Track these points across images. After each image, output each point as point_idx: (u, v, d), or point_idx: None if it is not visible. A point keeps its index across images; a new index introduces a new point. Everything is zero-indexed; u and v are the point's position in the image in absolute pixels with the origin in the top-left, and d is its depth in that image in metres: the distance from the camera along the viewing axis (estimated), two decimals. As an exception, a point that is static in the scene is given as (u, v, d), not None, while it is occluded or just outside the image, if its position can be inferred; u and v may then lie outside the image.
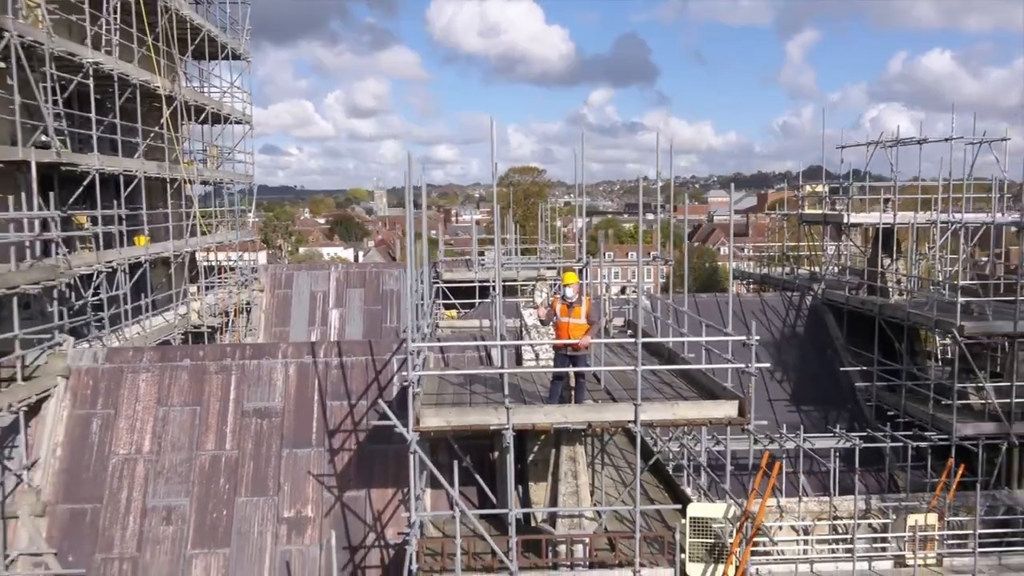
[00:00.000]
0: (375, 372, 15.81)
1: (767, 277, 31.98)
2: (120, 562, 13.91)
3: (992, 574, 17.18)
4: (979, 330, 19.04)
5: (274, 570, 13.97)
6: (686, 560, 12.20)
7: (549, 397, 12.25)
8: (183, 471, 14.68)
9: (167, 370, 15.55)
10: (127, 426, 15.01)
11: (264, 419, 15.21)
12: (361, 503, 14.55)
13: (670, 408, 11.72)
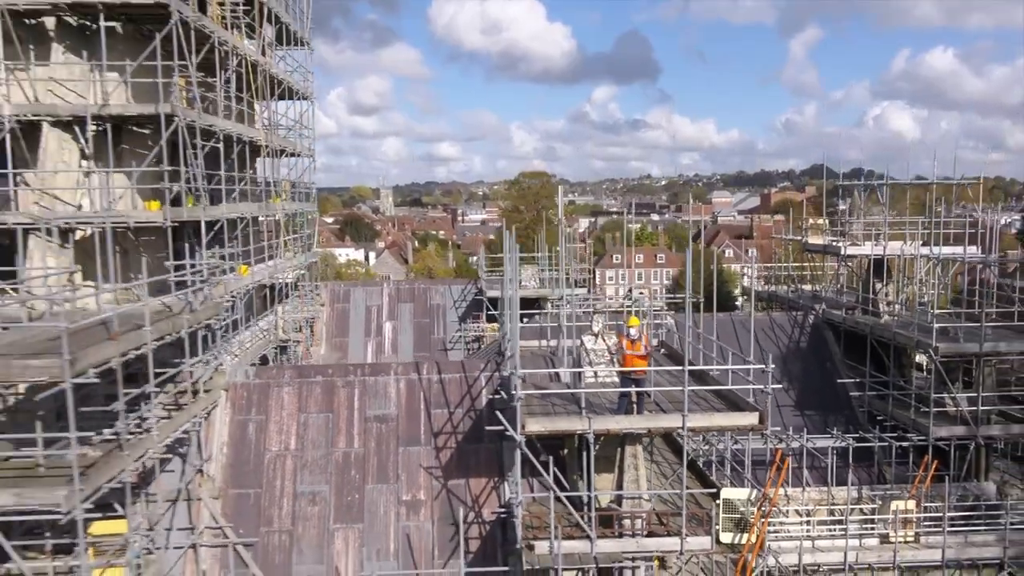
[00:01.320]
0: (467, 386, 20.07)
1: (774, 295, 36.02)
2: (279, 534, 18.17)
3: (959, 549, 21.36)
4: (952, 350, 23.21)
5: (397, 541, 18.22)
6: (719, 531, 16.43)
7: (617, 409, 16.47)
8: (322, 464, 18.95)
9: (304, 385, 19.82)
10: (276, 429, 19.28)
11: (383, 423, 19.47)
12: (461, 489, 18.81)
13: (708, 418, 15.97)
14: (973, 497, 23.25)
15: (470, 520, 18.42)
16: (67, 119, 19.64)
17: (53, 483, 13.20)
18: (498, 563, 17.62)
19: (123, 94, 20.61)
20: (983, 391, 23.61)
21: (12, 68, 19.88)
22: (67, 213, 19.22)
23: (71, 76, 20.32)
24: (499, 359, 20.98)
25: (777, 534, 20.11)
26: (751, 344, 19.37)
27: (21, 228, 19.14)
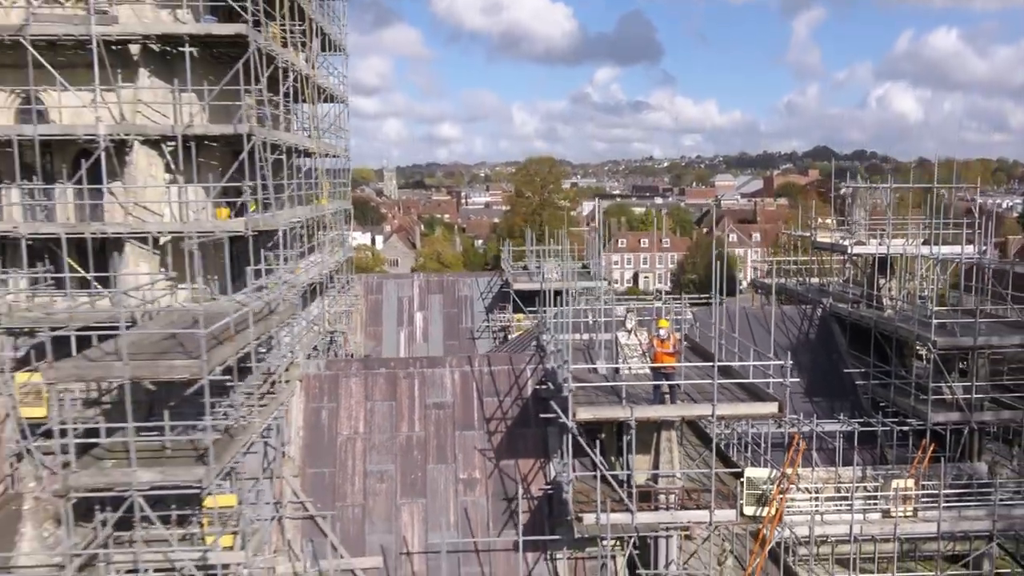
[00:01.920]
0: (515, 377, 22.53)
1: (783, 288, 38.38)
2: (352, 508, 20.68)
3: (953, 523, 23.91)
4: (948, 343, 25.64)
5: (456, 514, 20.73)
6: (743, 505, 18.94)
7: (653, 399, 18.91)
8: (388, 446, 21.45)
9: (369, 376, 22.28)
10: (346, 415, 21.76)
11: (440, 410, 21.96)
12: (511, 468, 21.31)
13: (735, 407, 18.43)
14: (966, 476, 25.74)
15: (520, 496, 20.90)
16: (155, 138, 21.97)
17: (184, 463, 15.69)
18: (546, 533, 20.11)
19: (200, 112, 22.95)
20: (977, 380, 26.05)
21: (102, 90, 22.17)
22: (157, 223, 21.58)
23: (155, 98, 22.61)
24: (541, 352, 23.43)
25: (790, 508, 22.61)
26: (771, 340, 21.85)
27: (115, 236, 21.56)
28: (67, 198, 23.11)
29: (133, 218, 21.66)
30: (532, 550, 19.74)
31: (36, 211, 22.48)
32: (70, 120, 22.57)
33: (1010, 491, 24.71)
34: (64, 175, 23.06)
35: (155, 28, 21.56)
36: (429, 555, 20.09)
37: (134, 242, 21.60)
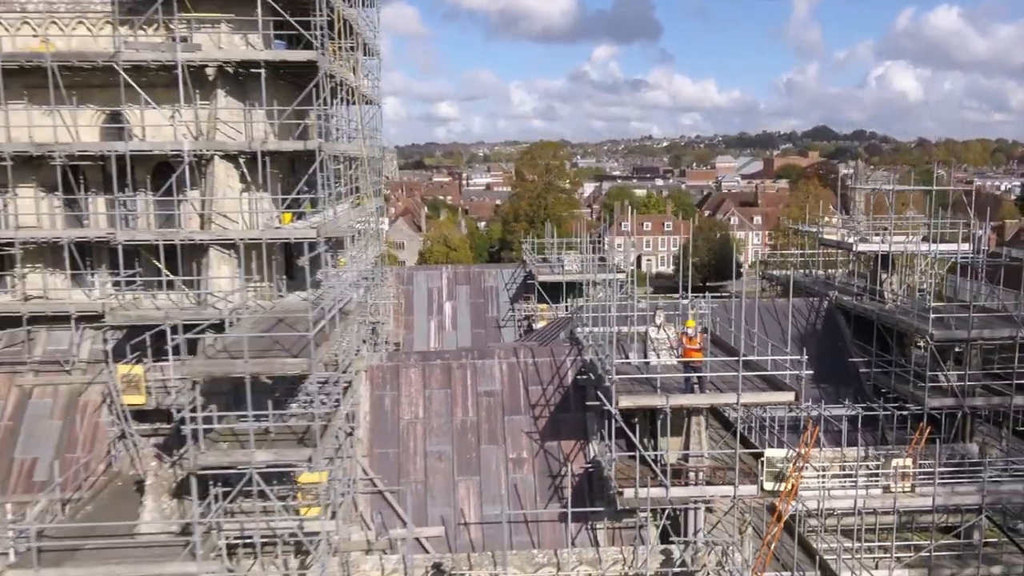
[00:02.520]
0: (556, 367, 25.26)
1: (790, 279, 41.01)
2: (415, 484, 23.45)
3: (946, 497, 26.75)
4: (944, 336, 28.37)
5: (507, 489, 23.48)
6: (763, 481, 21.73)
7: (685, 389, 21.63)
8: (445, 429, 24.20)
9: (426, 366, 25.01)
10: (407, 402, 24.50)
11: (490, 397, 24.70)
12: (555, 449, 24.07)
13: (756, 396, 21.17)
14: (959, 456, 28.62)
15: (563, 473, 23.70)
16: (234, 152, 24.53)
17: (288, 444, 18.43)
18: (587, 506, 22.91)
19: (268, 127, 25.48)
20: (970, 369, 28.85)
21: (183, 108, 24.71)
22: (238, 230, 24.18)
23: (231, 116, 25.14)
24: (577, 345, 26.15)
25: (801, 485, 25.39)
26: (783, 333, 24.57)
27: (200, 242, 24.19)
28: (148, 207, 25.72)
29: (216, 225, 24.23)
30: (575, 520, 22.52)
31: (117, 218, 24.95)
32: (151, 135, 25.12)
33: (998, 469, 27.56)
34: (147, 185, 25.66)
35: (235, 55, 24.04)
36: (484, 525, 22.88)
37: (217, 247, 24.20)
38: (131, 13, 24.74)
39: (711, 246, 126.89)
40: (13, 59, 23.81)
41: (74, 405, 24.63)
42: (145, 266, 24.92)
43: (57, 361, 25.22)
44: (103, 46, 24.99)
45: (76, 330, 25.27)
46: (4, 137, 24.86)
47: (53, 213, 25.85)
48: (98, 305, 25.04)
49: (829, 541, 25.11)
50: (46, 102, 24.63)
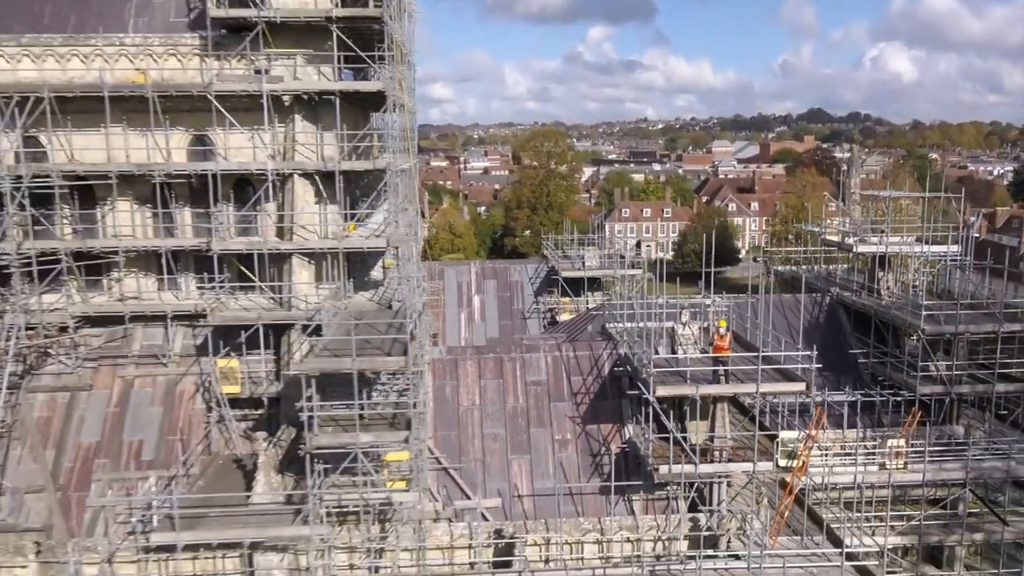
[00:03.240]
0: (594, 360, 28.94)
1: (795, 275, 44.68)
2: (474, 462, 27.15)
3: (935, 473, 30.54)
4: (934, 330, 32.09)
5: (554, 467, 27.19)
6: (777, 459, 25.50)
7: (712, 379, 25.31)
8: (499, 415, 27.89)
9: (481, 359, 28.67)
10: (465, 390, 28.16)
11: (537, 386, 28.38)
12: (595, 431, 27.78)
13: (773, 386, 24.90)
14: (946, 437, 32.45)
15: (602, 453, 27.43)
16: (311, 171, 28.02)
17: (381, 427, 22.08)
18: (623, 481, 26.63)
19: (337, 147, 28.93)
20: (957, 360, 32.61)
21: (263, 131, 28.14)
22: (317, 240, 27.71)
23: (306, 138, 28.59)
24: (610, 339, 29.83)
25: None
26: (791, 329, 28.24)
27: (272, 252, 27.71)
28: (228, 219, 29.16)
29: (297, 236, 27.76)
30: (614, 493, 26.27)
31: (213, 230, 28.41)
32: (233, 155, 28.57)
33: (981, 448, 31.41)
34: (230, 199, 29.13)
35: (312, 85, 27.50)
36: (535, 497, 26.63)
37: (298, 255, 27.75)
38: (217, 47, 28.14)
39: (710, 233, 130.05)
40: (118, 90, 27.16)
41: (172, 393, 28.25)
42: (229, 271, 28.44)
43: (154, 355, 28.83)
44: (191, 76, 28.42)
45: (170, 327, 28.88)
46: (105, 157, 28.26)
47: (145, 224, 29.32)
48: (189, 305, 28.62)
49: (833, 511, 28.92)
50: (141, 125, 28.07)
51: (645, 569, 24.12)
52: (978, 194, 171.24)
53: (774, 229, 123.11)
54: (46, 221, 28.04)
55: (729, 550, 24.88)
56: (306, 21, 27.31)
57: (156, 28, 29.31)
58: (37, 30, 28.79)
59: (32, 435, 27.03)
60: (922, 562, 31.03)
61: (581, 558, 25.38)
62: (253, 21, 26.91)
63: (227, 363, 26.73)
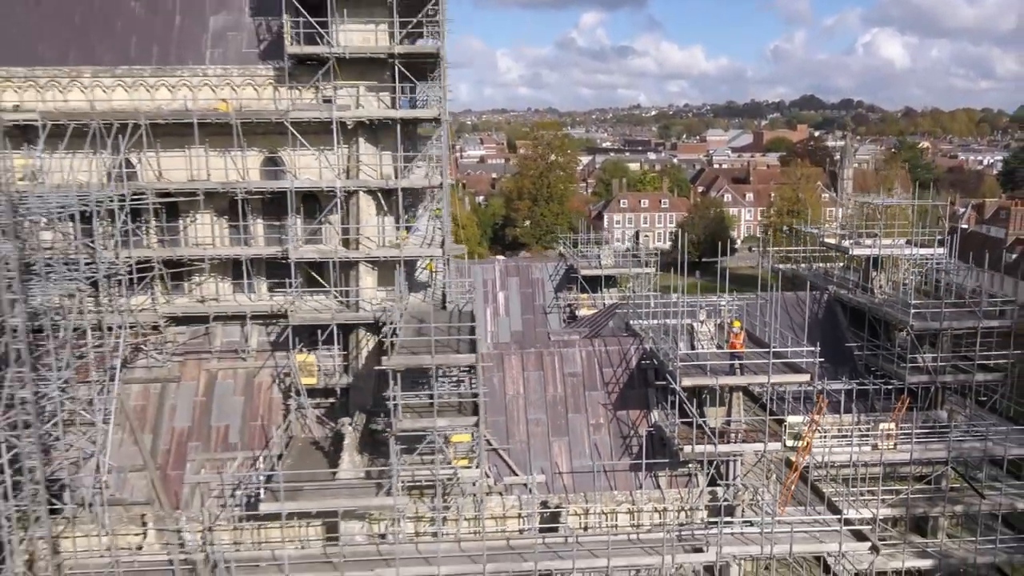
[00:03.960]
0: (623, 354, 33.13)
1: (796, 275, 48.91)
2: (519, 443, 31.34)
3: (921, 453, 34.94)
4: (921, 326, 36.38)
5: (590, 448, 31.40)
6: (785, 440, 29.80)
7: (730, 372, 29.53)
8: (540, 402, 32.08)
9: (523, 354, 32.81)
10: (510, 380, 32.32)
11: (574, 377, 32.58)
12: (624, 417, 32.00)
13: (781, 376, 29.15)
14: (931, 420, 36.84)
15: (631, 435, 31.65)
16: (375, 188, 32.00)
17: (451, 414, 26.23)
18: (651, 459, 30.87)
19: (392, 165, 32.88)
20: (942, 352, 36.94)
21: (329, 151, 32.08)
22: (381, 249, 31.72)
23: (368, 159, 32.54)
24: (635, 335, 34.02)
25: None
26: (794, 326, 32.51)
27: (342, 260, 31.72)
28: (298, 230, 33.09)
29: (363, 245, 31.79)
30: (643, 470, 30.52)
31: (291, 239, 32.35)
32: (302, 173, 32.50)
33: (962, 431, 35.82)
34: (301, 212, 33.08)
35: (377, 113, 31.44)
36: (574, 474, 30.85)
37: (365, 262, 31.80)
38: (290, 79, 32.03)
39: (707, 224, 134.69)
40: (204, 117, 31.04)
41: (251, 384, 32.33)
42: (299, 275, 32.43)
43: (234, 350, 32.87)
44: (265, 103, 32.34)
45: (247, 325, 32.92)
46: (187, 175, 32.16)
47: (223, 235, 33.25)
48: (264, 306, 32.63)
49: (832, 486, 33.31)
50: (221, 146, 31.99)
51: (672, 535, 28.40)
52: (968, 184, 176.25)
53: (769, 221, 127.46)
54: (138, 233, 31.96)
55: (743, 518, 29.20)
56: (370, 56, 31.19)
57: (230, 58, 33.17)
58: (124, 61, 32.61)
59: (131, 421, 31.09)
60: (909, 531, 35.48)
61: (615, 525, 29.68)
62: (325, 56, 30.79)
63: (305, 358, 30.82)
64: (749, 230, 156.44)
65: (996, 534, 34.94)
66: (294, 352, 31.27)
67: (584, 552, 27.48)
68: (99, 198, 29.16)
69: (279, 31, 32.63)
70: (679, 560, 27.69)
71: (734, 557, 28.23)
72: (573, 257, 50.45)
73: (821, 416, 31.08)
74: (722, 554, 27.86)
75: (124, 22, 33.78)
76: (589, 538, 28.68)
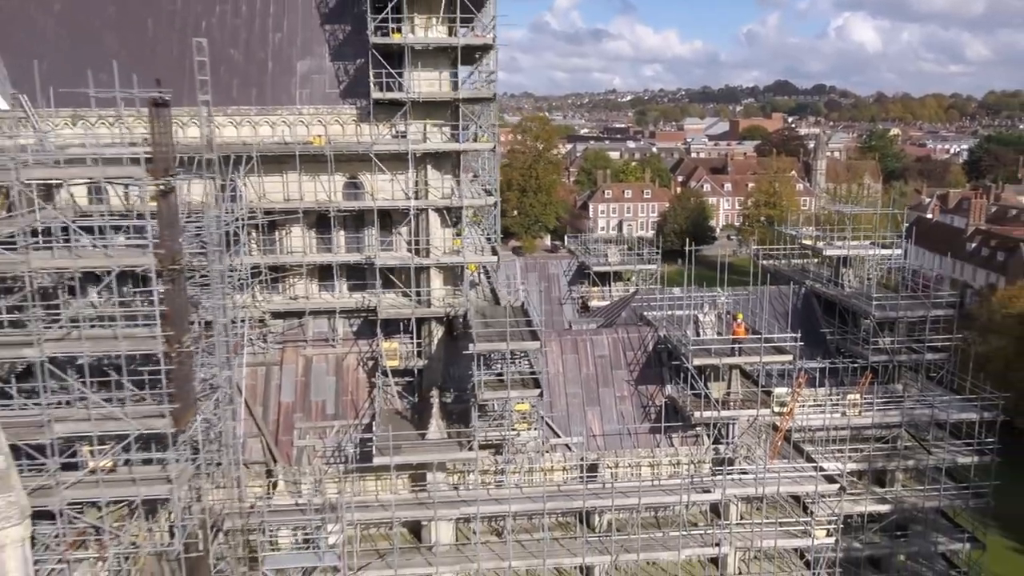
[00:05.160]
0: (641, 340, 41.51)
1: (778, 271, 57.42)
2: (560, 412, 39.63)
3: (881, 417, 43.71)
4: (882, 315, 45.03)
5: (617, 415, 39.77)
6: (773, 408, 38.36)
7: (730, 353, 37.96)
8: (576, 379, 40.41)
9: (561, 339, 41.09)
10: (552, 362, 40.58)
11: (603, 358, 40.94)
12: (644, 390, 40.38)
13: (771, 356, 37.68)
14: (890, 392, 45.62)
15: (650, 405, 40.07)
16: (441, 206, 39.96)
17: (518, 387, 34.46)
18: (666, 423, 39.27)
19: (455, 185, 40.83)
20: (898, 336, 45.67)
21: (404, 176, 39.94)
22: (448, 257, 39.72)
23: (435, 182, 40.46)
24: (649, 323, 42.38)
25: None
26: (777, 312, 41.07)
27: (417, 266, 39.69)
28: (375, 240, 40.95)
29: (432, 254, 39.81)
30: (658, 433, 38.94)
31: (376, 247, 40.12)
32: (379, 194, 40.36)
33: (914, 400, 44.63)
34: (377, 226, 40.96)
35: (443, 147, 39.35)
36: (605, 436, 39.24)
37: (435, 267, 39.83)
38: (368, 116, 39.80)
39: (688, 214, 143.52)
40: (305, 149, 38.77)
41: (341, 366, 40.29)
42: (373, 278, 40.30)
43: (325, 339, 40.80)
44: (348, 136, 40.14)
45: (334, 318, 40.85)
46: (283, 196, 39.89)
47: (311, 245, 41.08)
48: (350, 303, 40.52)
49: (810, 445, 41.95)
50: (312, 172, 39.75)
51: (685, 481, 36.89)
52: (935, 173, 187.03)
53: (748, 212, 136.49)
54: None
55: (740, 468, 37.76)
56: (439, 100, 39.09)
57: (315, 98, 40.93)
58: (228, 102, 40.19)
59: (246, 396, 38.96)
60: (871, 482, 44.35)
61: (639, 476, 38.09)
62: (402, 100, 38.61)
63: (390, 345, 38.85)
64: (728, 219, 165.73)
65: (941, 484, 43.88)
66: (381, 340, 39.22)
67: (619, 494, 35.86)
68: (227, 219, 36.87)
69: (355, 74, 40.59)
70: (693, 499, 36.23)
71: (735, 496, 36.82)
72: (583, 255, 58.76)
73: (801, 389, 39.65)
74: (725, 495, 36.43)
75: (227, 68, 41.35)
76: (621, 484, 37.05)
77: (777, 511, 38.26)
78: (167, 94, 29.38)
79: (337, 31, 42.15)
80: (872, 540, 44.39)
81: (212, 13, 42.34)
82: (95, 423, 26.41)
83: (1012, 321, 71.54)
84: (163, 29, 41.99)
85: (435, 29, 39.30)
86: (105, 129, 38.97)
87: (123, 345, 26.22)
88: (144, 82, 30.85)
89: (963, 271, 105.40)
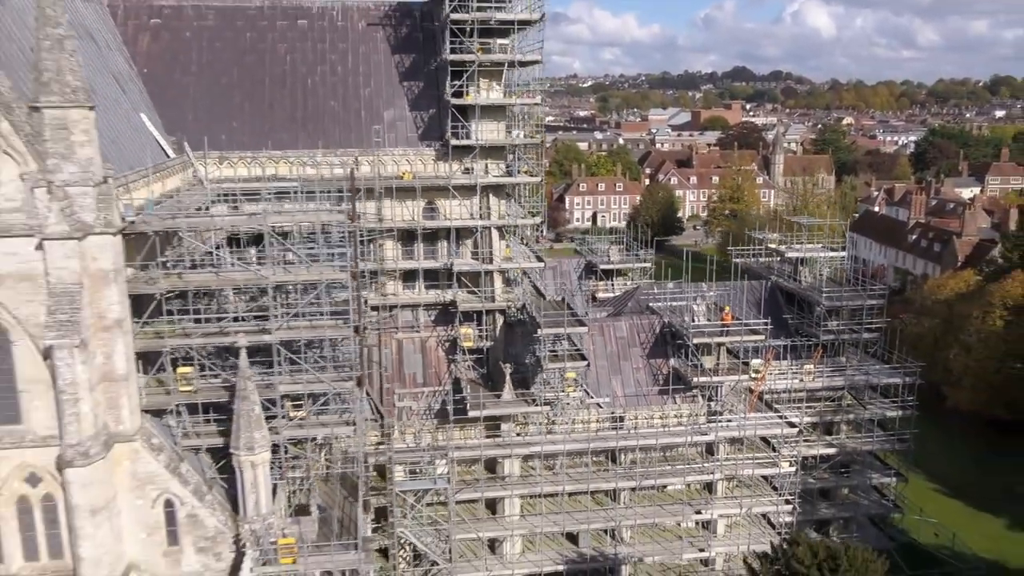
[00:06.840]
0: (652, 325, 55.99)
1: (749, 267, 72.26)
2: (592, 379, 53.99)
3: (828, 382, 58.74)
4: (829, 304, 59.89)
5: (635, 381, 54.26)
6: (750, 375, 53.12)
7: (719, 334, 52.51)
8: (603, 354, 54.80)
9: (590, 325, 55.40)
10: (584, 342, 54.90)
11: (621, 339, 55.39)
12: (654, 363, 54.91)
13: (747, 336, 52.41)
14: (836, 363, 60.73)
15: (658, 374, 54.59)
16: (500, 225, 53.85)
17: (570, 360, 48.76)
18: (669, 388, 53.79)
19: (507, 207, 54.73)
20: (842, 319, 60.69)
21: (466, 200, 53.72)
22: (506, 264, 53.65)
23: (495, 207, 54.27)
24: (654, 312, 56.90)
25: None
26: (749, 302, 55.92)
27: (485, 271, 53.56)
28: (448, 250, 54.67)
29: (494, 260, 53.74)
30: (667, 394, 53.49)
31: (452, 254, 53.83)
32: (453, 216, 54.12)
33: (854, 369, 59.82)
34: (453, 239, 54.70)
35: (502, 180, 53.25)
36: (626, 397, 53.74)
37: (496, 271, 53.80)
38: (444, 157, 53.49)
39: (659, 207, 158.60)
40: (401, 183, 52.35)
41: (425, 347, 54.18)
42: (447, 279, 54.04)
43: (411, 326, 54.63)
44: (429, 171, 53.87)
45: (417, 310, 54.65)
46: (378, 218, 53.48)
47: (398, 254, 54.75)
48: (431, 298, 54.31)
49: (777, 403, 56.87)
50: (400, 199, 53.40)
51: (686, 428, 51.59)
52: (884, 166, 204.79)
53: (714, 206, 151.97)
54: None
55: (727, 418, 52.55)
56: (500, 145, 52.97)
57: (399, 141, 54.60)
58: (331, 145, 53.59)
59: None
60: (821, 432, 59.58)
61: (653, 425, 52.67)
62: (472, 145, 52.38)
63: (466, 330, 52.80)
64: (694, 210, 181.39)
65: (874, 433, 59.24)
66: (459, 326, 53.18)
67: (641, 437, 50.42)
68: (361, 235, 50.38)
69: (428, 121, 54.38)
70: (694, 440, 51.01)
71: (723, 438, 51.64)
72: (590, 255, 73.14)
73: (770, 361, 54.56)
74: (717, 437, 51.25)
75: (328, 117, 54.78)
76: (641, 431, 51.57)
77: (753, 449, 53.12)
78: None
79: (413, 86, 55.78)
80: (822, 476, 59.65)
81: (315, 72, 55.70)
82: (305, 384, 39.95)
83: (940, 306, 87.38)
84: (276, 87, 55.12)
85: (495, 90, 53.10)
86: (244, 169, 52.08)
87: (328, 332, 39.74)
88: (265, 131, 43.75)
89: (905, 261, 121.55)
